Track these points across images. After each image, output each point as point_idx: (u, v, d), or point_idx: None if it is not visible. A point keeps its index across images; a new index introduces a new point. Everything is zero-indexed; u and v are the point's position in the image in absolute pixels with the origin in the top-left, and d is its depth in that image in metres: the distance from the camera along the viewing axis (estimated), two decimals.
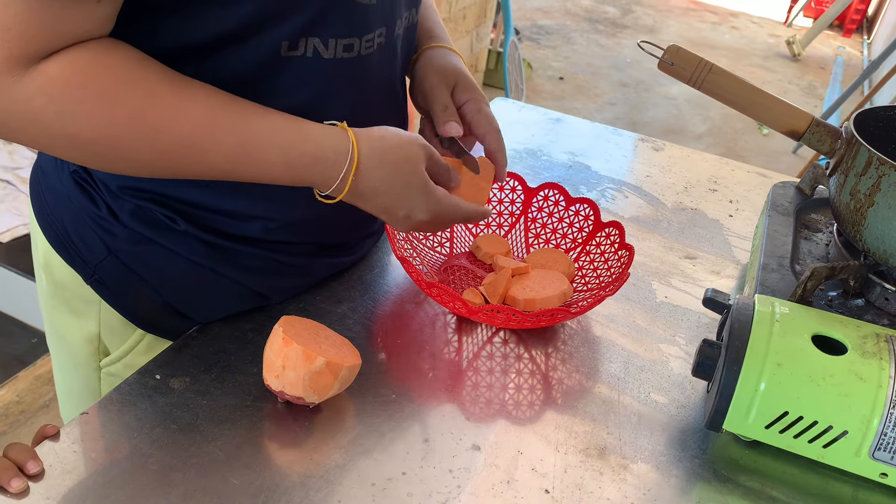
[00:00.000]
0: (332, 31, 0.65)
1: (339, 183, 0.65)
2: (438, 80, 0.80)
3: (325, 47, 0.65)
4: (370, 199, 0.68)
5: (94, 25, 0.56)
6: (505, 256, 0.89)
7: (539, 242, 0.93)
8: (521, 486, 0.64)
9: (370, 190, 0.67)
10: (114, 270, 0.72)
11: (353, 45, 0.67)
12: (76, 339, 0.78)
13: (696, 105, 4.17)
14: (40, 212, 0.75)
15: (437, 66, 0.81)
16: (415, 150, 0.68)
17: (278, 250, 0.75)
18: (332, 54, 0.66)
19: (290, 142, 0.63)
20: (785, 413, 0.64)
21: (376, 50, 0.70)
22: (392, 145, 0.67)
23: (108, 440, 0.63)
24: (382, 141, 0.67)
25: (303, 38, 0.64)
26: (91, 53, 0.56)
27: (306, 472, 0.63)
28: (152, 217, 0.70)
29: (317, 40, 0.64)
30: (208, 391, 0.68)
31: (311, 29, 0.64)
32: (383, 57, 0.71)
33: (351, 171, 0.65)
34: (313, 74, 0.66)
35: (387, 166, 0.66)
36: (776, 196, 0.92)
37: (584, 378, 0.76)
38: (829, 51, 5.42)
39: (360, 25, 0.67)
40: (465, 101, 0.80)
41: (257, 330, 0.76)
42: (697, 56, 0.80)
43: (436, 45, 0.83)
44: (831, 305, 0.76)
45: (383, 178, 0.67)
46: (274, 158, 0.62)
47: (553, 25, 5.15)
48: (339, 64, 0.67)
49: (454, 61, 0.82)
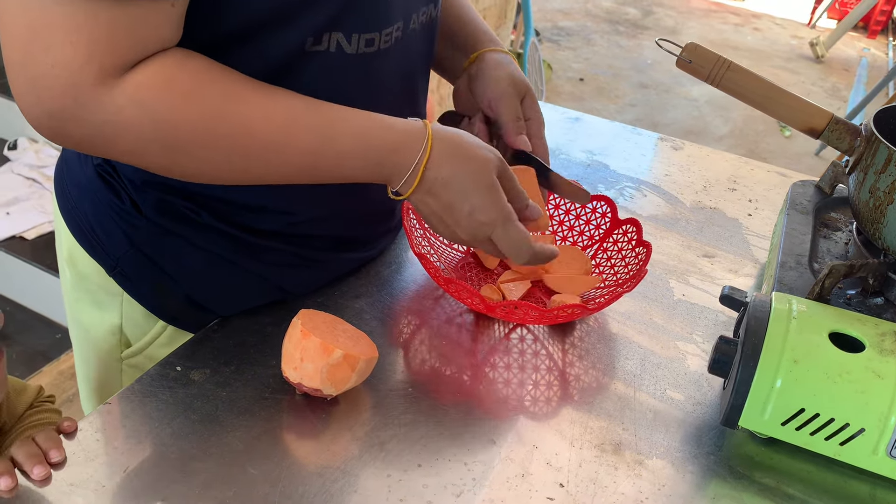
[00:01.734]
0: (355, 25, 0.66)
1: (411, 173, 0.66)
2: (511, 90, 0.80)
3: (347, 42, 0.66)
4: (439, 193, 0.67)
5: (170, 31, 0.57)
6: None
7: (556, 240, 0.93)
8: (536, 480, 0.64)
9: (441, 182, 0.66)
10: (136, 263, 0.73)
11: (374, 39, 0.68)
12: (99, 331, 0.79)
13: (718, 107, 4.14)
14: (64, 205, 0.77)
15: (510, 75, 0.81)
16: (487, 154, 0.68)
17: (299, 244, 0.75)
18: (354, 49, 0.67)
19: (366, 132, 0.64)
20: (801, 410, 0.64)
21: (393, 44, 0.70)
22: (468, 144, 0.68)
23: (129, 430, 0.65)
24: (457, 137, 0.68)
25: (327, 32, 0.64)
26: (172, 59, 0.57)
27: (324, 463, 0.63)
28: (175, 210, 0.71)
29: (340, 35, 0.65)
30: (228, 383, 0.69)
31: (335, 23, 0.64)
32: (400, 51, 0.72)
33: (424, 159, 0.65)
34: (334, 69, 0.67)
35: (458, 160, 0.67)
36: (795, 195, 0.92)
37: (601, 374, 0.76)
38: (854, 52, 5.36)
39: (382, 19, 0.68)
40: (528, 119, 0.81)
41: (276, 323, 0.77)
42: (715, 53, 0.80)
43: (499, 50, 0.84)
44: (850, 303, 0.76)
45: (453, 171, 0.66)
46: (350, 148, 0.64)
47: (573, 27, 5.14)
48: (360, 59, 0.68)
49: (522, 73, 0.83)
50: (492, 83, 0.80)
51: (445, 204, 0.68)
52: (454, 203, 0.67)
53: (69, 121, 0.55)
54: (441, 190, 0.67)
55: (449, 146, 0.67)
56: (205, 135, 0.59)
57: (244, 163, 0.62)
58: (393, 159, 0.65)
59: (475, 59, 0.83)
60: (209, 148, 0.60)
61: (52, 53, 0.53)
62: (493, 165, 0.68)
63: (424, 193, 0.67)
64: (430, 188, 0.67)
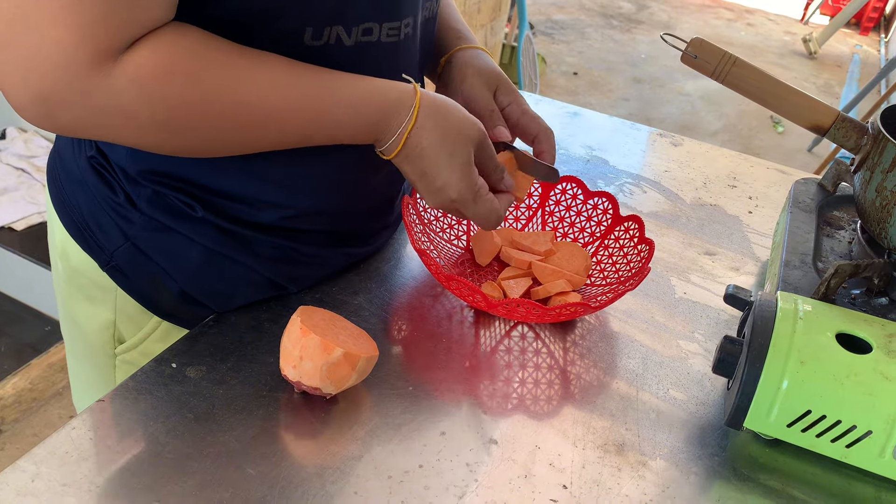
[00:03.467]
0: (357, 16, 0.64)
1: (395, 138, 0.67)
2: (480, 83, 0.79)
3: (347, 36, 0.64)
4: (415, 161, 0.68)
5: (165, 9, 0.55)
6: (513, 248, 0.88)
7: (557, 236, 0.92)
8: (539, 481, 0.63)
9: (417, 150, 0.67)
10: (130, 258, 0.71)
11: (373, 29, 0.66)
12: (92, 326, 0.78)
13: (711, 102, 4.14)
14: (57, 198, 0.75)
15: (476, 68, 0.80)
16: (470, 129, 0.69)
17: (295, 239, 0.74)
18: (353, 41, 0.65)
19: (362, 100, 0.65)
20: (807, 412, 0.63)
21: (402, 40, 0.69)
22: (452, 115, 0.69)
23: (123, 428, 0.63)
24: (444, 107, 0.68)
25: (328, 26, 0.63)
26: (168, 37, 0.55)
27: (323, 464, 0.62)
28: (170, 204, 0.69)
29: (340, 28, 0.64)
30: (224, 380, 0.68)
31: (337, 15, 0.63)
32: (406, 47, 0.71)
33: (409, 126, 0.66)
34: (331, 63, 0.65)
35: (438, 130, 0.67)
36: (798, 193, 0.91)
37: (603, 374, 0.75)
38: (846, 49, 5.38)
39: (385, 12, 0.66)
40: (507, 104, 0.80)
41: (274, 320, 0.75)
42: (721, 49, 0.79)
43: (469, 46, 0.83)
44: (854, 303, 0.75)
45: (431, 141, 0.67)
46: (346, 117, 0.64)
47: (567, 20, 5.13)
48: (358, 50, 0.66)
49: (492, 63, 0.82)
50: (461, 83, 0.80)
51: (420, 172, 0.69)
52: (427, 173, 0.69)
53: (59, 105, 0.53)
54: (417, 159, 0.68)
55: (434, 115, 0.67)
56: (204, 114, 0.58)
57: (241, 136, 0.62)
58: (382, 125, 0.66)
59: (445, 61, 0.83)
60: (208, 127, 0.59)
61: (42, 33, 0.50)
62: (472, 140, 0.69)
63: (403, 159, 0.68)
64: (408, 154, 0.68)
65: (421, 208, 0.88)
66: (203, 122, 0.58)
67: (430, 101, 0.67)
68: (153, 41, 0.55)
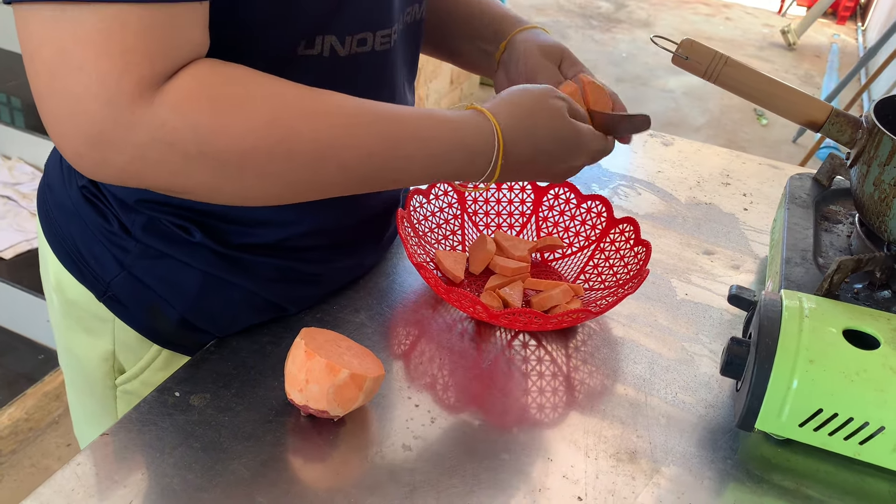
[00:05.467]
0: (348, 26, 0.64)
1: (489, 171, 0.66)
2: (544, 60, 0.81)
3: (341, 45, 0.64)
4: (526, 169, 0.69)
5: (201, 33, 0.54)
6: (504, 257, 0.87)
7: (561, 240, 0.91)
8: (553, 494, 0.62)
9: (524, 161, 0.68)
10: (127, 287, 0.70)
11: (367, 39, 0.65)
12: (91, 358, 0.76)
13: (695, 98, 4.16)
14: (49, 231, 0.74)
15: (538, 46, 0.81)
16: (555, 103, 0.69)
17: (293, 258, 0.73)
18: (347, 51, 0.64)
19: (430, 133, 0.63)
20: (819, 410, 0.63)
21: (392, 47, 0.68)
22: (530, 109, 0.68)
23: (130, 461, 0.62)
24: (520, 108, 0.68)
25: (319, 35, 0.62)
26: (207, 67, 0.54)
27: (333, 487, 0.61)
28: (165, 230, 0.68)
29: (333, 38, 0.63)
30: (230, 407, 0.67)
31: (327, 26, 0.62)
32: (393, 52, 0.70)
33: (500, 157, 0.66)
34: (324, 72, 0.64)
35: (535, 132, 0.68)
36: (793, 188, 0.91)
37: (610, 380, 0.74)
38: (825, 39, 5.41)
39: (378, 20, 0.66)
40: (573, 76, 0.81)
41: (275, 342, 0.74)
42: (712, 49, 0.78)
43: (524, 28, 0.84)
44: (858, 298, 0.75)
45: (534, 145, 0.68)
46: (414, 151, 0.62)
47: (547, 22, 5.14)
48: (352, 60, 0.65)
49: (553, 39, 0.83)
50: (524, 62, 0.81)
51: (538, 171, 0.71)
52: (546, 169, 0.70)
53: (111, 146, 0.51)
54: (528, 164, 0.69)
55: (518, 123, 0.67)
56: (254, 143, 0.54)
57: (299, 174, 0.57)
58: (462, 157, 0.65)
59: (504, 47, 0.83)
60: (258, 159, 0.55)
61: (87, 70, 0.49)
62: (563, 111, 0.70)
63: (509, 174, 0.69)
64: (512, 169, 0.68)
65: (416, 220, 0.87)
66: (254, 154, 0.54)
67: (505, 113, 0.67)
68: (193, 69, 0.53)
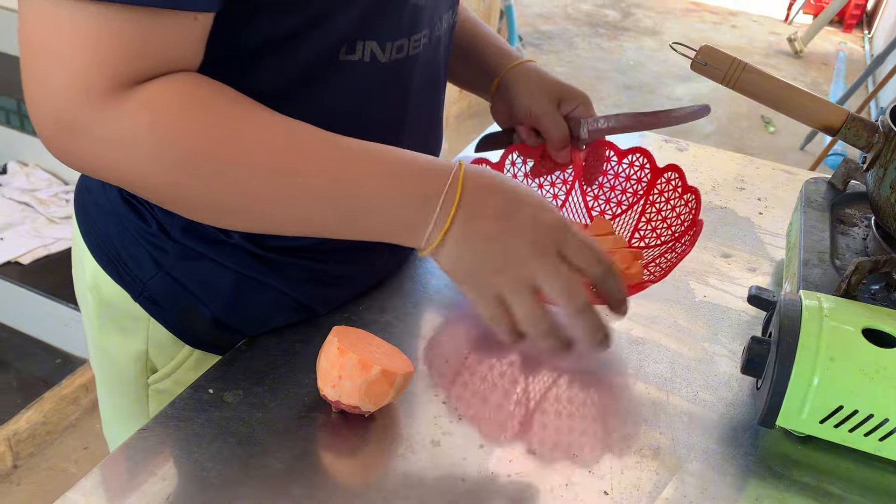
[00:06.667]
0: (386, 32, 0.65)
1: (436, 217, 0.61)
2: (547, 100, 0.83)
3: (382, 52, 0.66)
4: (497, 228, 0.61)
5: (192, 49, 0.56)
6: None
7: (599, 204, 0.92)
8: (580, 489, 0.64)
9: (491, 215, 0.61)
10: (164, 287, 0.72)
11: (404, 45, 0.67)
12: (124, 357, 0.78)
13: None
14: (87, 231, 0.76)
15: (540, 87, 0.84)
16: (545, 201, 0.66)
17: (325, 260, 0.75)
18: (387, 58, 0.66)
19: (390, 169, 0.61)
20: (840, 407, 0.65)
21: (421, 51, 0.70)
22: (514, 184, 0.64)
23: (168, 455, 0.64)
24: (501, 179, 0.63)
25: (360, 41, 0.64)
26: (186, 77, 0.56)
27: (366, 482, 0.63)
28: (203, 231, 0.70)
29: (374, 44, 0.65)
30: (262, 403, 0.69)
31: (366, 31, 0.64)
32: (426, 58, 0.72)
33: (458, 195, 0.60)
34: (366, 79, 0.66)
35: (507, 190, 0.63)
36: (809, 192, 0.93)
37: (632, 379, 0.76)
38: (831, 47, 5.43)
39: (411, 24, 0.67)
40: (573, 108, 0.84)
41: (305, 341, 0.76)
42: (730, 56, 0.80)
43: (523, 62, 0.86)
44: (875, 299, 0.77)
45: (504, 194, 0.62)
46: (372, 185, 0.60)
47: (555, 30, 5.17)
48: (393, 66, 0.67)
49: (550, 75, 0.85)
50: (528, 100, 0.83)
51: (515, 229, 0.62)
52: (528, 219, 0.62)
53: (79, 135, 0.54)
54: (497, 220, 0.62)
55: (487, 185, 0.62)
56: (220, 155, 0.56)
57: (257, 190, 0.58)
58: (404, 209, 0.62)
59: (499, 82, 0.85)
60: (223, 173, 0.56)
61: (65, 59, 0.52)
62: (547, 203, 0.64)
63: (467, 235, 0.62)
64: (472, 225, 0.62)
65: None
66: (217, 165, 0.56)
67: None
68: (171, 76, 0.55)
